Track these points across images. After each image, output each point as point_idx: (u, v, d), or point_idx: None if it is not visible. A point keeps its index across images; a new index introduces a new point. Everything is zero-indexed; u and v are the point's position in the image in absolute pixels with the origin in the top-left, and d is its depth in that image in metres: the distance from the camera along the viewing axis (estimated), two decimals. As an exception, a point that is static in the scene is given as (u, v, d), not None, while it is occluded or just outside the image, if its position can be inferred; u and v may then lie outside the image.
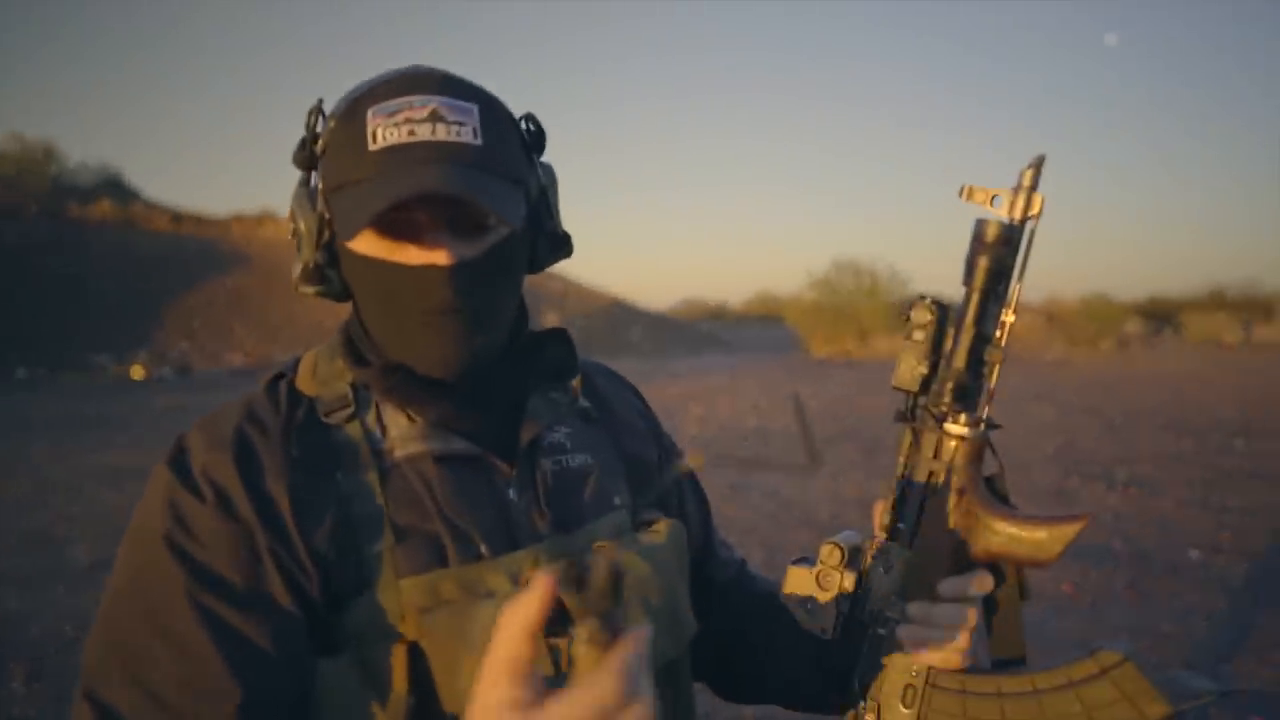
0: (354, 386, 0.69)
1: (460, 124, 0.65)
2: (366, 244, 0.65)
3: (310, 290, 0.70)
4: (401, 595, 0.62)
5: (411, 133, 0.63)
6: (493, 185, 0.65)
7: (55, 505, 5.36)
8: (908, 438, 0.68)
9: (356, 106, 0.65)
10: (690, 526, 0.84)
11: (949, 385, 0.64)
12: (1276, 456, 6.73)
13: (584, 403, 0.79)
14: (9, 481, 6.00)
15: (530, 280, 0.78)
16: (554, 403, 0.75)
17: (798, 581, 0.71)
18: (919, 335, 0.66)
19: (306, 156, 0.68)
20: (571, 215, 0.78)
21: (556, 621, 0.63)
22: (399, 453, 0.66)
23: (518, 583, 0.65)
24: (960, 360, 0.64)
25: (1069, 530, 0.64)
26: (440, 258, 0.65)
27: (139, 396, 11.49)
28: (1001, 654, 0.68)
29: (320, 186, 0.68)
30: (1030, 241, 0.64)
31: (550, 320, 15.07)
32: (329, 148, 0.66)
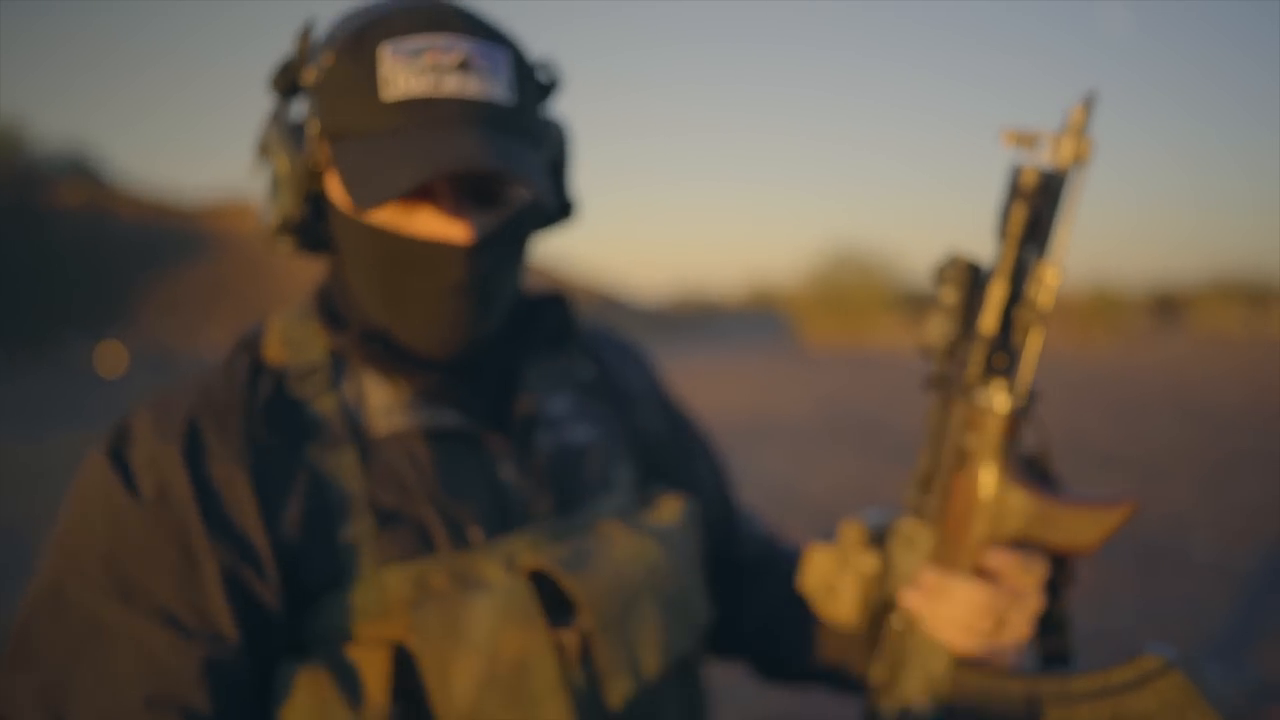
0: (331, 353, 0.62)
1: (493, 77, 0.57)
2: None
3: (288, 245, 0.63)
4: (383, 588, 0.56)
5: (438, 84, 0.55)
6: (527, 154, 0.58)
7: (26, 495, 5.22)
8: (936, 407, 0.62)
9: (365, 38, 0.56)
10: (706, 500, 0.78)
11: (978, 349, 0.58)
12: (1284, 446, 6.75)
13: (585, 372, 0.74)
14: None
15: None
16: (551, 372, 0.70)
17: (817, 564, 0.66)
18: (949, 294, 0.59)
19: (289, 83, 0.60)
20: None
21: (558, 613, 0.57)
22: (382, 427, 0.60)
23: (513, 569, 0.59)
24: (990, 321, 0.57)
25: (1112, 517, 0.57)
26: (460, 233, 0.57)
27: (110, 385, 11.30)
28: (1044, 652, 0.64)
29: (313, 125, 0.58)
30: (1078, 191, 0.57)
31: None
32: (328, 82, 0.57)
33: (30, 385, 10.91)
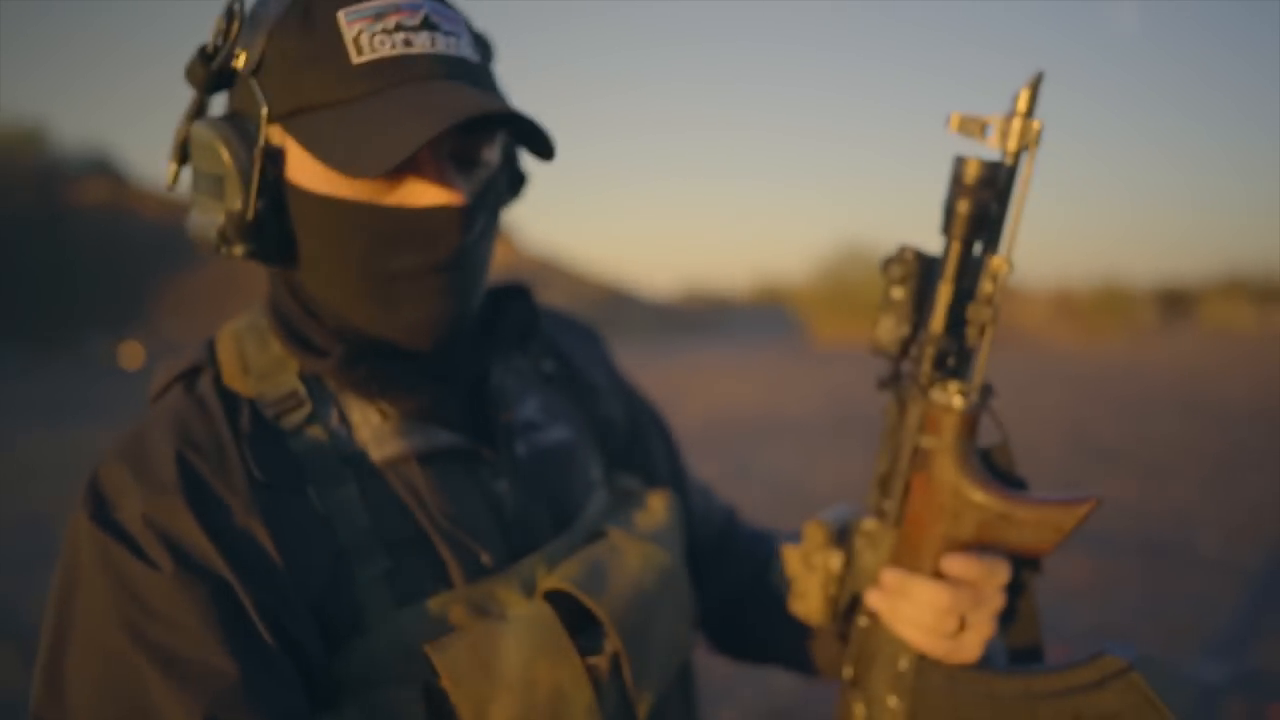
0: (303, 378, 0.57)
1: (455, 35, 0.54)
2: (344, 186, 0.53)
3: (240, 251, 0.54)
4: (405, 628, 0.52)
5: (408, 42, 0.51)
6: (509, 104, 0.54)
7: (45, 488, 5.30)
8: (893, 407, 0.61)
9: (312, 8, 0.52)
10: (662, 480, 0.76)
11: (928, 349, 0.57)
12: (1290, 443, 6.72)
13: (547, 365, 0.71)
14: (0, 464, 5.93)
15: (530, 270, 0.70)
16: (518, 372, 0.67)
17: (788, 562, 0.66)
18: (898, 292, 0.58)
19: (212, 74, 0.54)
20: (575, 205, 0.71)
21: (588, 636, 0.57)
22: (375, 456, 0.56)
23: (531, 593, 0.57)
24: (939, 320, 0.56)
25: (1069, 515, 0.55)
26: (453, 196, 0.53)
27: (130, 380, 11.41)
28: (1012, 646, 0.62)
29: (253, 109, 0.53)
30: (1027, 176, 0.54)
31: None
32: (274, 61, 0.52)
33: (50, 381, 11.04)
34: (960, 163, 0.54)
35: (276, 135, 0.54)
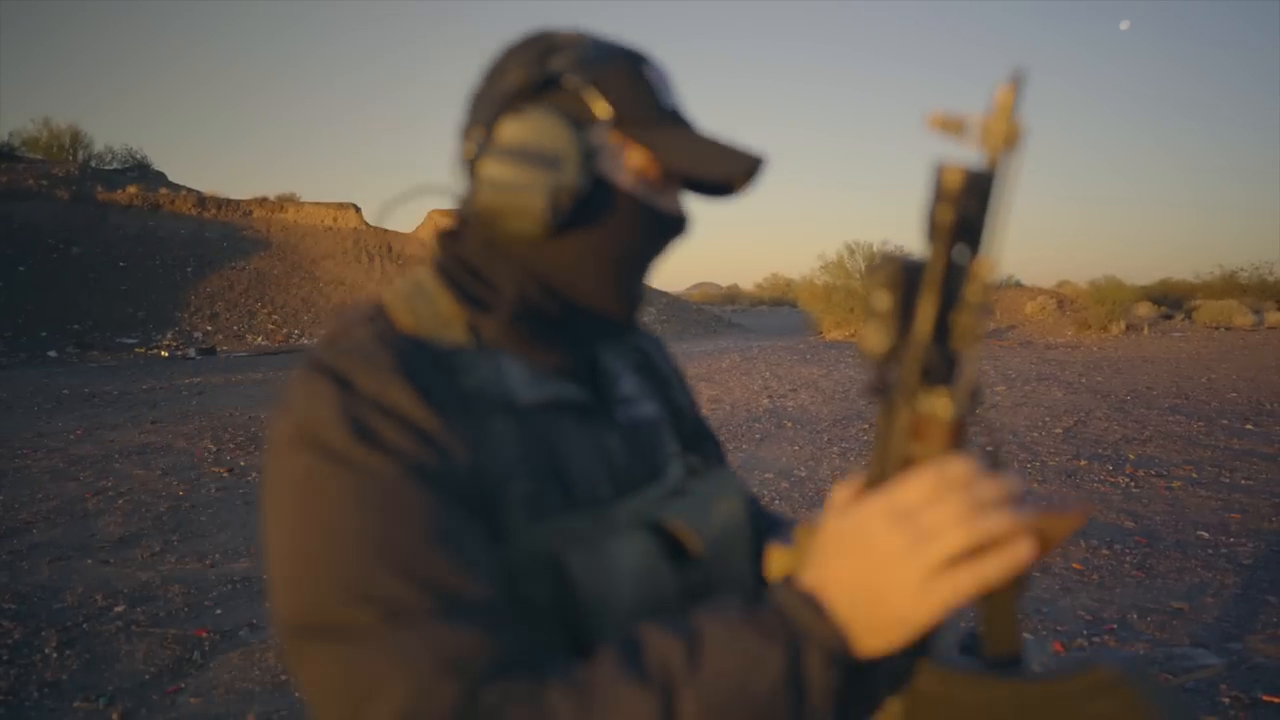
0: (469, 329, 0.65)
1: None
2: (638, 186, 0.66)
3: (558, 217, 0.64)
4: (537, 541, 0.60)
5: (675, 106, 0.68)
6: None
7: (85, 479, 5.50)
8: (882, 414, 0.58)
9: (631, 59, 0.67)
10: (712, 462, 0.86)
11: (914, 357, 0.55)
12: (1290, 439, 6.69)
13: (636, 355, 0.81)
14: (41, 456, 6.15)
15: None
16: (617, 354, 0.77)
17: (778, 565, 0.63)
18: (883, 299, 0.56)
19: (536, 83, 0.65)
20: None
21: (679, 567, 0.64)
22: (521, 398, 0.65)
23: (638, 526, 0.66)
24: (924, 327, 0.55)
25: (1062, 525, 0.52)
26: (687, 212, 0.69)
27: (163, 376, 11.68)
28: (994, 651, 0.58)
29: (592, 114, 0.65)
30: (1010, 179, 0.53)
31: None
32: (603, 84, 0.65)
33: (86, 376, 11.31)
34: (941, 172, 0.53)
35: (607, 134, 0.65)
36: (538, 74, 0.65)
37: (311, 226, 23.07)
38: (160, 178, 23.32)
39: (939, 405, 0.56)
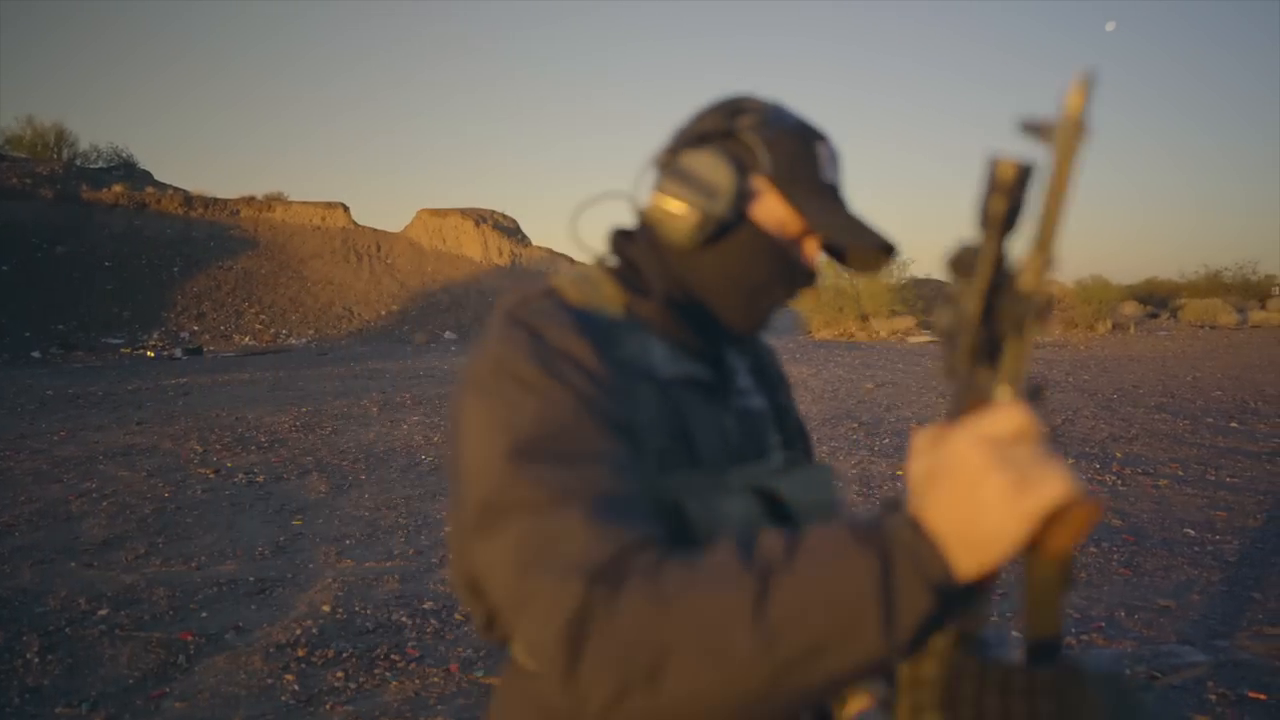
0: (627, 309, 0.77)
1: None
2: (778, 232, 0.78)
3: (702, 236, 0.77)
4: (665, 490, 0.69)
5: (834, 182, 0.79)
6: None
7: (69, 481, 5.46)
8: (950, 397, 0.61)
9: (805, 133, 0.78)
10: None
11: (964, 339, 0.58)
12: (1270, 436, 6.77)
13: (751, 356, 0.90)
14: (24, 458, 6.10)
15: (537, 260, 0.83)
16: (738, 352, 0.87)
17: None
18: (955, 284, 0.59)
19: (721, 132, 0.78)
20: (576, 198, 0.87)
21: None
22: (662, 372, 0.75)
23: (750, 490, 0.75)
24: (972, 307, 0.57)
25: (1094, 507, 0.53)
26: (817, 267, 0.82)
27: (149, 377, 11.60)
28: (1033, 636, 0.58)
29: (754, 165, 0.77)
30: (1074, 178, 0.54)
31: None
32: (779, 147, 0.77)
33: (71, 377, 11.22)
34: (996, 166, 0.56)
35: (763, 185, 0.77)
36: (724, 124, 0.78)
37: (299, 226, 22.97)
38: (146, 176, 23.15)
39: (998, 391, 0.57)
